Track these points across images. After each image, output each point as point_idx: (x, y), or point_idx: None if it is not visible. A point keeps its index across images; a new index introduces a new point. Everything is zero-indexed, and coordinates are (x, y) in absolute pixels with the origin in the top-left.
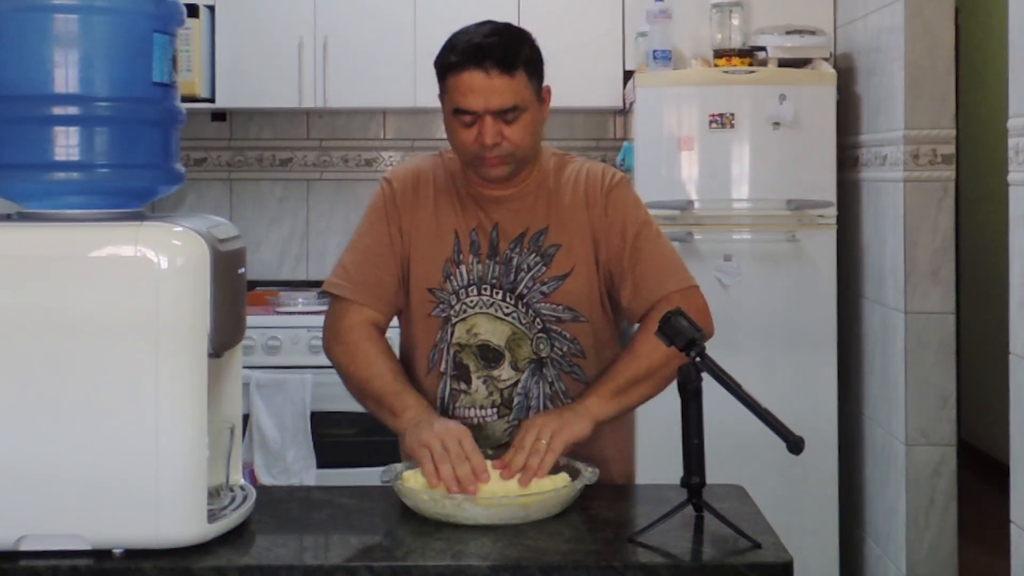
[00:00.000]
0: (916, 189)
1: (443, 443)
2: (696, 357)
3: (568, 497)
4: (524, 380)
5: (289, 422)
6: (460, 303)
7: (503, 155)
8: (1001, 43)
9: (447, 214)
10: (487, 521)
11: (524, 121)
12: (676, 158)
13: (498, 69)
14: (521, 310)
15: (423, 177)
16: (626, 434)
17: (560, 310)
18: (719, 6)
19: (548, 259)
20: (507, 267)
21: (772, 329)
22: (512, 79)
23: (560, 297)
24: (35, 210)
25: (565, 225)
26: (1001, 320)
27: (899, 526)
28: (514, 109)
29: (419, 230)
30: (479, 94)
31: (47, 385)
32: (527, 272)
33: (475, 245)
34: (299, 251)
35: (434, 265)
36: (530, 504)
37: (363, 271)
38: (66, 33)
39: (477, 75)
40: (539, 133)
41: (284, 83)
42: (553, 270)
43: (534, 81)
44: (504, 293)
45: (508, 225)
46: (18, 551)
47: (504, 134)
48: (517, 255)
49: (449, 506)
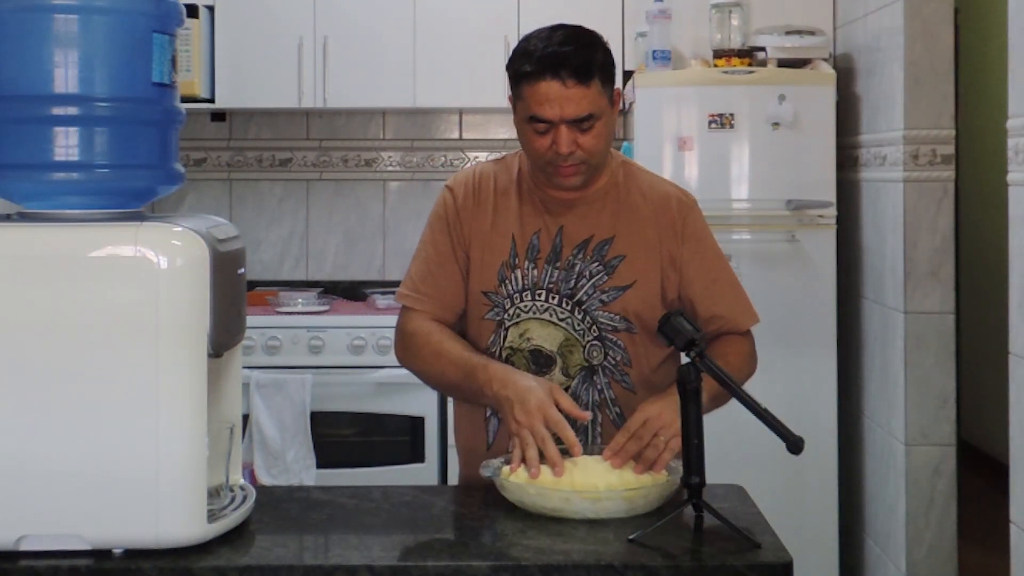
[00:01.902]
0: (916, 189)
1: (531, 427)
2: (696, 357)
3: (669, 491)
4: (575, 386)
5: (289, 422)
6: (514, 307)
7: (577, 163)
8: (1001, 43)
9: (506, 219)
10: (593, 515)
11: (598, 128)
12: (676, 158)
13: (575, 79)
14: (577, 316)
15: (484, 183)
16: None
17: (617, 320)
18: (719, 6)
19: (611, 269)
20: (568, 272)
21: (772, 329)
22: (588, 88)
23: (619, 307)
24: (35, 210)
25: (632, 237)
26: (1001, 320)
27: (899, 526)
28: (589, 118)
29: (478, 235)
30: (555, 103)
31: (47, 385)
32: (588, 279)
33: (533, 249)
34: (299, 251)
35: (490, 269)
36: (634, 498)
37: (426, 281)
38: (66, 33)
39: (553, 85)
40: (611, 138)
41: (284, 83)
42: (615, 280)
43: (608, 88)
44: (561, 298)
45: (574, 230)
46: (18, 551)
47: (579, 142)
48: (580, 261)
49: (556, 499)
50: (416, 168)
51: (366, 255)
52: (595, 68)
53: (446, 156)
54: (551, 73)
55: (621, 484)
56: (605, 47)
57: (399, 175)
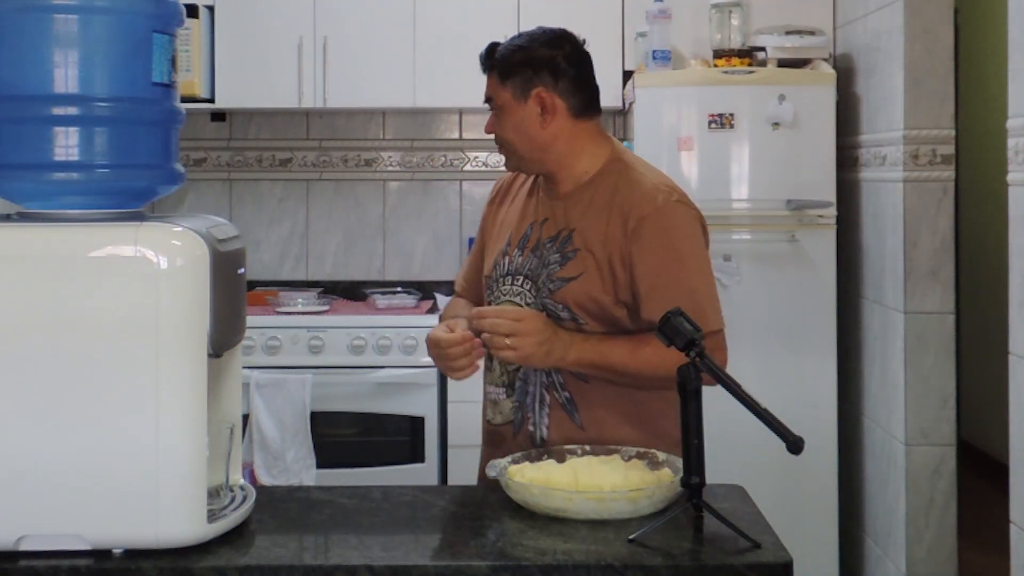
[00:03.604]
0: (915, 189)
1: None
2: (696, 357)
3: (674, 492)
4: (526, 368)
5: (289, 422)
6: (498, 290)
7: (500, 145)
8: (1001, 43)
9: (516, 211)
10: (596, 516)
11: (504, 120)
12: (676, 158)
13: (482, 66)
14: (537, 304)
15: (517, 179)
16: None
17: (560, 308)
18: (718, 6)
19: (565, 261)
20: (540, 261)
21: (772, 329)
22: (490, 77)
23: (560, 296)
24: (35, 210)
25: (589, 232)
26: (1001, 320)
27: (899, 526)
28: (489, 101)
29: (494, 227)
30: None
31: (47, 385)
32: (546, 268)
33: (525, 238)
34: (299, 251)
35: (491, 256)
36: (639, 498)
37: (467, 270)
38: (66, 33)
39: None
40: (527, 134)
41: (284, 83)
42: (564, 271)
43: (509, 84)
44: (531, 284)
45: (554, 221)
46: (18, 551)
47: (496, 128)
48: (548, 250)
49: (560, 499)
50: (416, 168)
51: (366, 255)
52: (496, 62)
53: (446, 156)
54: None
55: (626, 484)
56: (534, 51)
57: (399, 175)
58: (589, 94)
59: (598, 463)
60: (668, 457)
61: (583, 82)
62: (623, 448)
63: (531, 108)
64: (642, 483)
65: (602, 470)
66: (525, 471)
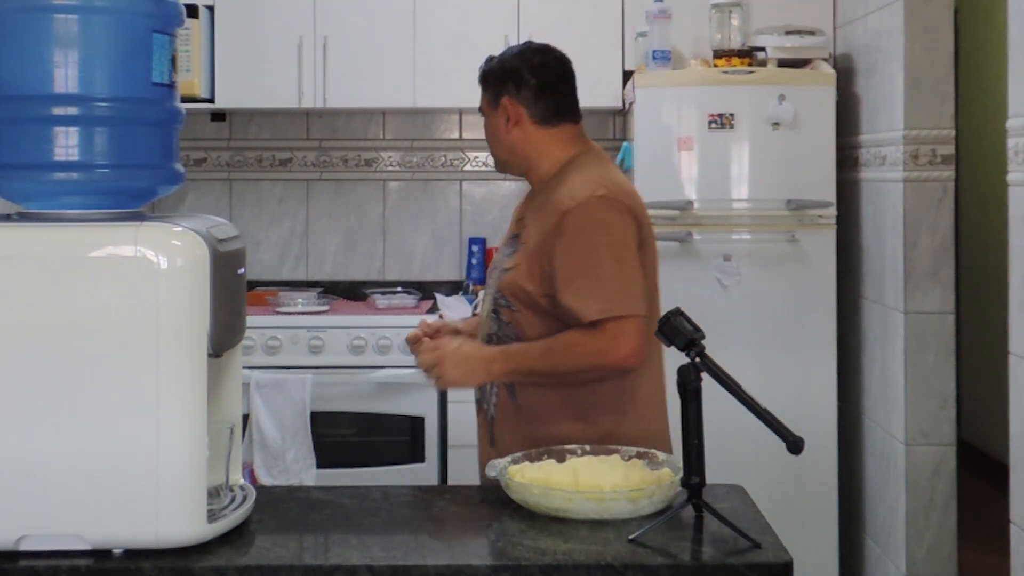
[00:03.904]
0: (915, 189)
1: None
2: (696, 357)
3: (673, 492)
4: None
5: (289, 422)
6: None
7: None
8: (1001, 43)
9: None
10: (597, 516)
11: (485, 124)
12: (676, 158)
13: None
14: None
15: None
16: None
17: (499, 296)
18: (718, 6)
19: (512, 254)
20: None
21: (771, 329)
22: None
23: (502, 285)
24: (35, 210)
25: (532, 228)
26: (1001, 320)
27: (899, 526)
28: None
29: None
30: None
31: (47, 385)
32: (501, 262)
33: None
34: (299, 251)
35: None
36: (639, 498)
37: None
38: (66, 33)
39: None
40: (500, 140)
41: (284, 83)
42: (508, 263)
43: (487, 94)
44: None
45: (522, 221)
46: (18, 551)
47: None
48: (508, 246)
49: (560, 499)
50: (416, 168)
51: (366, 255)
52: (480, 73)
53: (446, 156)
54: None
55: (626, 484)
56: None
57: (399, 175)
58: (555, 102)
59: (598, 463)
60: (668, 457)
61: (547, 91)
62: (623, 448)
63: (500, 115)
64: (642, 483)
65: (602, 470)
66: (525, 471)
